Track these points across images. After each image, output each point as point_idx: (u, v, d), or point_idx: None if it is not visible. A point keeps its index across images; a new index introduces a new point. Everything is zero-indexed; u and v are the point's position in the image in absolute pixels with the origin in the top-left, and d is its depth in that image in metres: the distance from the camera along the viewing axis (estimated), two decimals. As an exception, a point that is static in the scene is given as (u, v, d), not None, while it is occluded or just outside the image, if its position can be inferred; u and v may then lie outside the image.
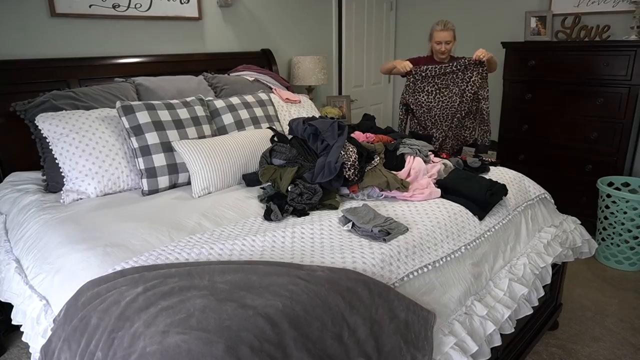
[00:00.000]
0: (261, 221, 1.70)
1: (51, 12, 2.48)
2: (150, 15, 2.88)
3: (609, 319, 2.44)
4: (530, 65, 3.43)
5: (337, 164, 1.85)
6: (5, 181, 2.22)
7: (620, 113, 3.08)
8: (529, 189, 2.16)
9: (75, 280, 1.37)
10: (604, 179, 3.06)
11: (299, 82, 3.68)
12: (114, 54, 2.76)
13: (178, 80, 2.71)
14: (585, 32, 3.41)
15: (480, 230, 1.77)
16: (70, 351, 1.16)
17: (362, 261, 1.39)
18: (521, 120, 3.57)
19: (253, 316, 1.07)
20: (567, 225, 2.22)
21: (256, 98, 2.69)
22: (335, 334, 1.15)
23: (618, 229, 2.88)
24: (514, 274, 1.78)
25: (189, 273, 1.26)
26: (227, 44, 3.39)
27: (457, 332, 1.44)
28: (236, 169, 2.15)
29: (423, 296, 1.45)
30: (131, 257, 1.41)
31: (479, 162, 2.18)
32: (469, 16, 4.19)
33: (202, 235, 1.57)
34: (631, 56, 2.97)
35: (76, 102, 2.26)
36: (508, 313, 1.61)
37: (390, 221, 1.60)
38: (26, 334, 1.54)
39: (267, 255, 1.42)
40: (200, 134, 2.27)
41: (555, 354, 2.19)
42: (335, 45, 4.23)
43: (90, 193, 2.02)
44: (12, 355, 2.21)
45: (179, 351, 0.98)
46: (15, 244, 1.81)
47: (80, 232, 1.64)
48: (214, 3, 3.24)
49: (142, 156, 2.06)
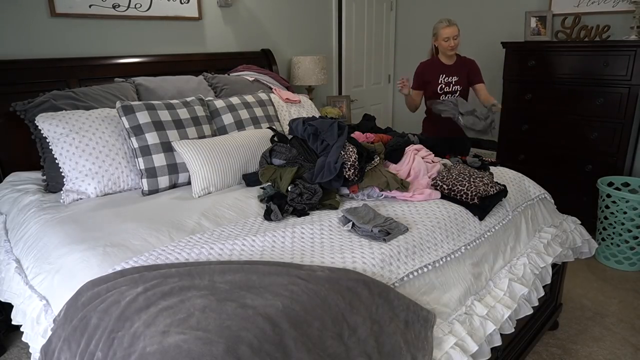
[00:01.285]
0: (261, 221, 1.70)
1: (51, 12, 2.49)
2: (150, 15, 2.88)
3: (609, 319, 2.44)
4: (530, 65, 3.43)
5: (337, 164, 1.85)
6: (5, 181, 2.22)
7: (620, 113, 3.08)
8: (529, 189, 2.16)
9: (75, 280, 1.37)
10: (604, 179, 3.06)
11: (299, 82, 3.68)
12: (114, 54, 2.76)
13: (178, 80, 2.71)
14: (585, 32, 3.41)
15: (480, 230, 1.77)
16: (70, 351, 1.16)
17: (362, 261, 1.39)
18: (521, 120, 3.57)
19: (253, 316, 1.07)
20: (567, 225, 2.22)
21: (256, 98, 2.69)
22: (335, 333, 1.15)
23: (618, 229, 2.88)
24: (514, 274, 1.78)
25: (189, 273, 1.26)
26: (227, 44, 3.39)
27: (457, 332, 1.44)
28: (236, 169, 2.15)
29: (423, 296, 1.45)
30: (131, 257, 1.41)
31: (479, 162, 2.18)
32: (469, 16, 4.19)
33: (202, 235, 1.57)
34: (631, 56, 2.97)
35: (76, 102, 2.26)
36: (508, 313, 1.61)
37: (390, 221, 1.60)
38: (26, 334, 1.54)
39: (267, 255, 1.42)
40: (200, 134, 2.27)
41: (555, 354, 2.19)
42: (335, 45, 4.23)
43: (90, 193, 2.02)
44: (12, 355, 2.21)
45: (179, 351, 0.98)
46: (16, 244, 1.81)
47: (80, 232, 1.64)
48: (214, 3, 3.24)
49: (142, 156, 2.06)
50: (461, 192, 1.81)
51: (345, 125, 2.08)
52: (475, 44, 4.19)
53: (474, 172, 1.93)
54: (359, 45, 4.43)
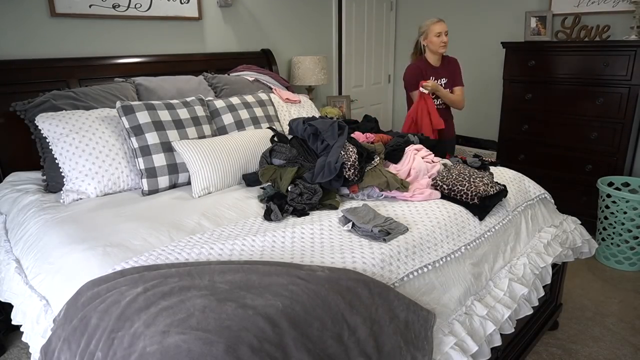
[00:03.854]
0: (261, 221, 1.70)
1: (51, 12, 2.49)
2: (150, 15, 2.88)
3: (609, 319, 2.44)
4: (530, 65, 3.43)
5: (337, 164, 1.85)
6: (5, 181, 2.22)
7: (620, 113, 3.08)
8: (529, 189, 2.16)
9: (75, 280, 1.37)
10: (604, 179, 3.06)
11: (299, 82, 3.68)
12: (114, 54, 2.76)
13: (178, 80, 2.71)
14: (585, 32, 3.41)
15: (480, 230, 1.77)
16: (70, 351, 1.16)
17: (362, 261, 1.39)
18: (521, 120, 3.58)
19: (253, 316, 1.07)
20: (567, 225, 2.22)
21: (256, 98, 2.69)
22: (335, 333, 1.15)
23: (618, 229, 2.88)
24: (514, 274, 1.78)
25: (189, 273, 1.26)
26: (227, 44, 3.39)
27: (457, 332, 1.44)
28: (236, 169, 2.15)
29: (423, 296, 1.45)
30: (131, 257, 1.41)
31: (479, 162, 2.18)
32: (469, 16, 4.19)
33: (202, 235, 1.57)
34: (631, 56, 2.97)
35: (76, 102, 2.26)
36: (508, 313, 1.61)
37: (390, 221, 1.60)
38: (26, 334, 1.54)
39: (267, 255, 1.42)
40: (200, 134, 2.27)
41: (555, 354, 2.19)
42: (335, 45, 4.23)
43: (90, 193, 2.02)
44: (12, 355, 2.21)
45: (179, 351, 0.98)
46: (15, 244, 1.81)
47: (80, 232, 1.64)
48: (214, 3, 3.24)
49: (142, 156, 2.06)
50: (461, 192, 1.81)
51: (345, 125, 2.08)
52: (475, 44, 4.20)
53: (474, 172, 1.93)
54: (359, 45, 4.43)
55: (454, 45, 4.33)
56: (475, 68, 4.25)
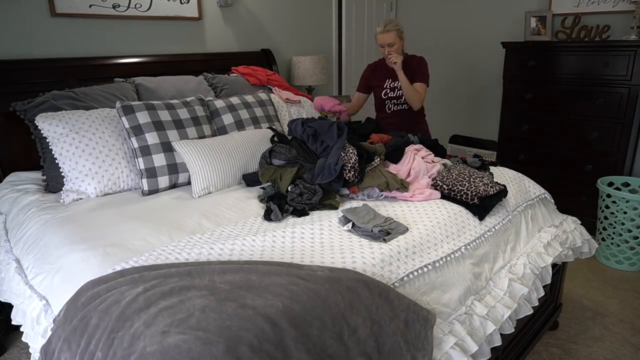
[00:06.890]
0: (261, 221, 1.70)
1: (51, 12, 2.49)
2: (150, 15, 2.88)
3: (609, 319, 2.44)
4: (530, 65, 3.43)
5: (337, 165, 1.85)
6: (5, 181, 2.22)
7: (620, 113, 3.08)
8: (529, 189, 2.15)
9: (75, 280, 1.37)
10: (604, 179, 3.06)
11: (299, 82, 3.68)
12: (114, 54, 2.76)
13: (178, 80, 2.71)
14: (585, 32, 3.41)
15: (481, 230, 1.77)
16: (70, 351, 1.16)
17: (362, 261, 1.39)
18: (521, 120, 3.57)
19: (253, 316, 1.07)
20: (567, 225, 2.22)
21: (256, 98, 2.69)
22: (335, 333, 1.15)
23: (618, 229, 2.88)
24: (514, 273, 1.78)
25: (189, 273, 1.26)
26: (227, 44, 3.39)
27: (457, 332, 1.44)
28: (236, 169, 2.15)
29: (423, 296, 1.45)
30: (131, 257, 1.41)
31: (479, 162, 2.18)
32: (469, 16, 4.19)
33: (202, 235, 1.57)
34: (631, 56, 2.97)
35: (76, 102, 2.26)
36: (508, 313, 1.61)
37: (390, 221, 1.60)
38: (26, 334, 1.53)
39: (267, 255, 1.42)
40: (200, 134, 2.27)
41: (555, 354, 2.19)
42: (335, 45, 4.23)
43: (90, 193, 2.02)
44: (12, 355, 2.21)
45: (179, 351, 0.98)
46: (15, 244, 1.81)
47: (80, 232, 1.64)
48: (214, 3, 3.24)
49: (142, 156, 2.06)
50: (461, 192, 1.81)
51: (345, 126, 2.08)
52: (475, 44, 4.20)
53: (474, 172, 1.93)
54: (359, 45, 4.43)
55: (454, 45, 4.35)
56: (475, 68, 4.25)
